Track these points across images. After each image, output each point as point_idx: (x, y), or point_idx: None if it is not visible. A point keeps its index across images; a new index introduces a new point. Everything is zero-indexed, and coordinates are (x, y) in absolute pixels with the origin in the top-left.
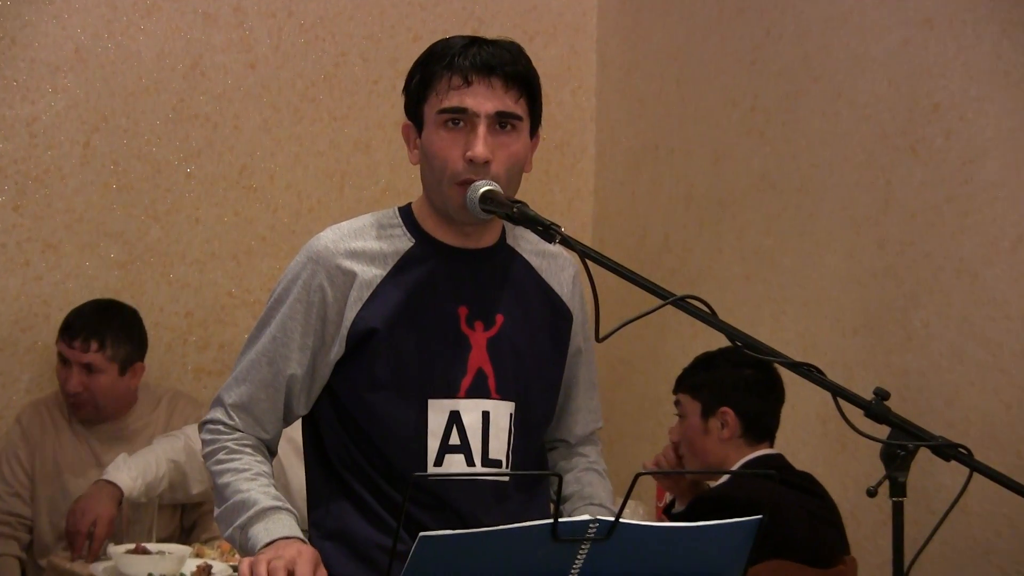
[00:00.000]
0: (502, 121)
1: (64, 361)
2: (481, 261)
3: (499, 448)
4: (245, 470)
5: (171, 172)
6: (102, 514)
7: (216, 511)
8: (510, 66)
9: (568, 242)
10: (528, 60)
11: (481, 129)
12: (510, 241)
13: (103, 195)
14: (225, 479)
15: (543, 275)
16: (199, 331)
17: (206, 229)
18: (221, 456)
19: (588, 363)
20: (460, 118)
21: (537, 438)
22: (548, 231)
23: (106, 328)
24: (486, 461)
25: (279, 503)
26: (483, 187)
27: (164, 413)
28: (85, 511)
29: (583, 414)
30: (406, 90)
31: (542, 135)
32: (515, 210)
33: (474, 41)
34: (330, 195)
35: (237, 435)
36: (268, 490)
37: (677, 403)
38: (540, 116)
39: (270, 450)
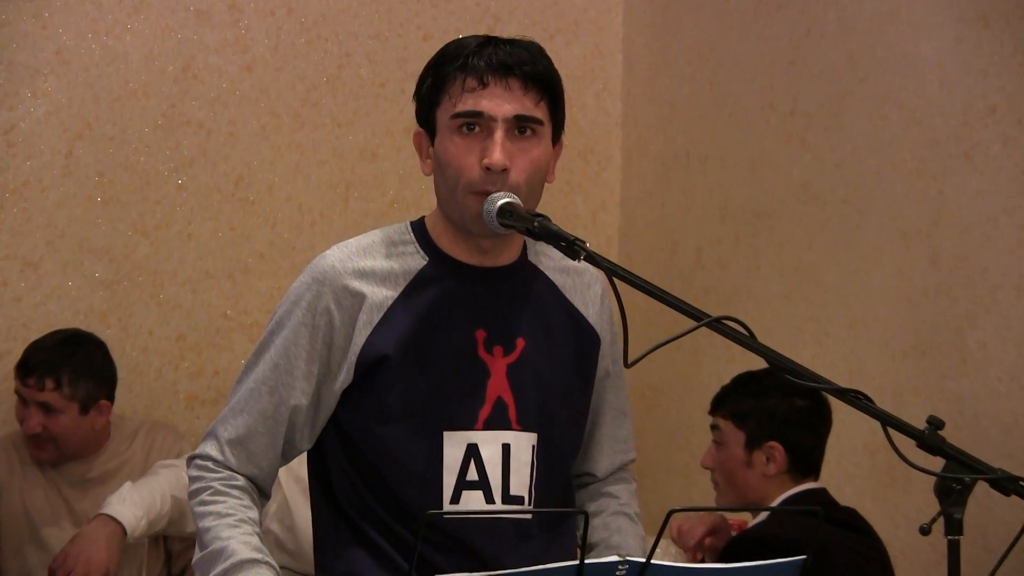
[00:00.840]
0: (521, 126)
1: (22, 399)
2: (500, 280)
3: (521, 483)
4: (228, 515)
5: (161, 183)
6: (96, 566)
7: (195, 556)
8: (529, 66)
9: (593, 259)
10: (549, 60)
11: (498, 134)
12: (531, 258)
13: (87, 209)
14: (206, 523)
15: (567, 294)
16: (192, 356)
17: (199, 245)
18: (205, 497)
19: (617, 388)
20: (475, 123)
21: (562, 472)
22: (571, 247)
23: (63, 364)
24: (507, 498)
25: (259, 555)
26: (501, 199)
27: (141, 449)
28: (79, 558)
29: (610, 444)
30: (417, 95)
31: (563, 142)
32: (536, 224)
33: (490, 40)
34: (334, 208)
35: (225, 474)
36: (249, 539)
37: (714, 427)
38: (563, 121)
39: (262, 490)
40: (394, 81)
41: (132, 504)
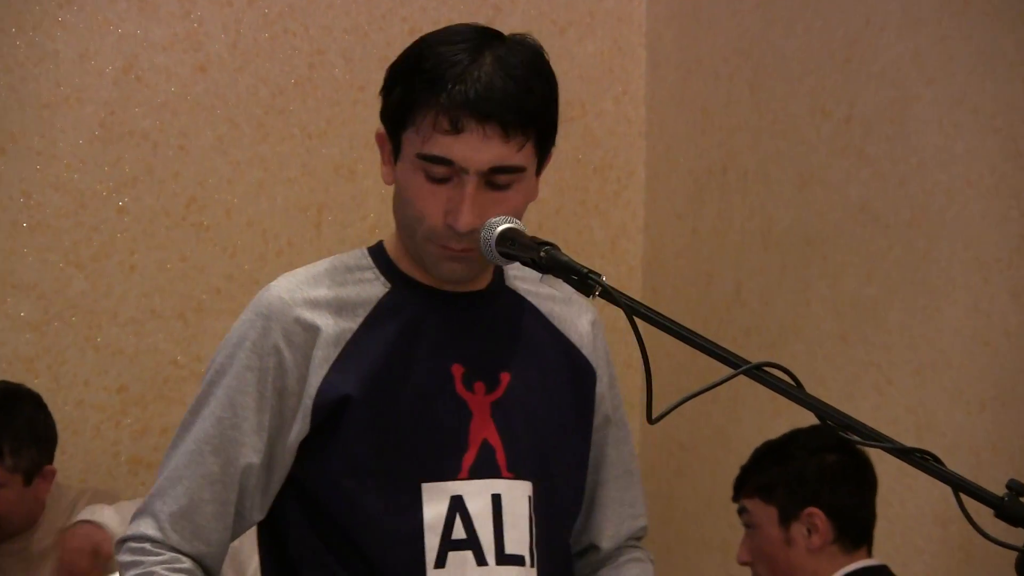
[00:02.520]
0: (499, 177)
1: None
2: (477, 307)
3: (519, 540)
4: None
5: (98, 206)
6: (93, 545)
7: None
8: (513, 112)
9: (611, 294)
10: (545, 82)
11: (469, 190)
12: (509, 282)
13: (10, 236)
14: None
15: (556, 323)
16: (136, 411)
17: (144, 279)
18: None
19: (620, 440)
20: (444, 172)
21: (568, 526)
22: (585, 281)
23: (2, 432)
24: (502, 557)
25: None
26: (501, 225)
27: None
28: (80, 548)
29: (615, 508)
30: (386, 95)
31: (577, 155)
32: (542, 255)
33: (475, 59)
34: (304, 234)
35: (167, 556)
36: None
37: (742, 511)
38: (553, 140)
39: (210, 572)
40: (375, 84)
41: (111, 514)
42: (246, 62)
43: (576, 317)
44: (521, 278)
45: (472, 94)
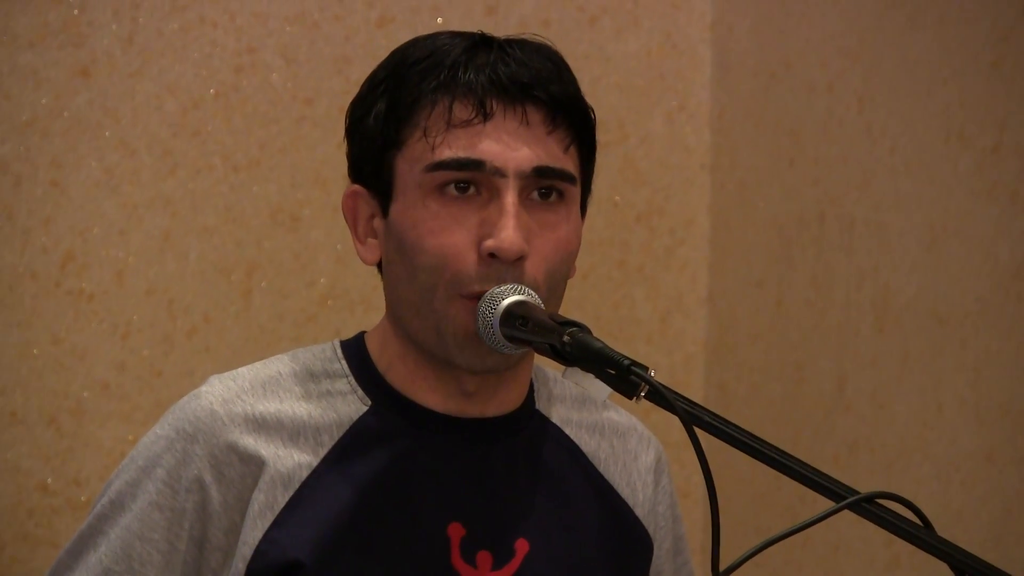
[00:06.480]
0: (544, 186)
1: None
2: (492, 442)
3: None
4: None
5: None
6: None
7: None
8: (557, 85)
9: (662, 395)
10: (575, 78)
11: (509, 199)
12: (542, 404)
13: None
14: None
15: (601, 468)
16: None
17: (1, 370)
18: None
19: None
20: (471, 179)
21: None
22: (625, 377)
23: None
24: None
25: None
26: (509, 297)
27: None
28: None
29: None
30: (355, 131)
31: (613, 197)
32: (566, 339)
33: (486, 41)
34: (227, 307)
35: None
36: None
37: None
38: (591, 179)
39: None
40: (328, 94)
41: None
42: (146, 63)
43: (631, 459)
44: (560, 399)
45: (501, 70)
